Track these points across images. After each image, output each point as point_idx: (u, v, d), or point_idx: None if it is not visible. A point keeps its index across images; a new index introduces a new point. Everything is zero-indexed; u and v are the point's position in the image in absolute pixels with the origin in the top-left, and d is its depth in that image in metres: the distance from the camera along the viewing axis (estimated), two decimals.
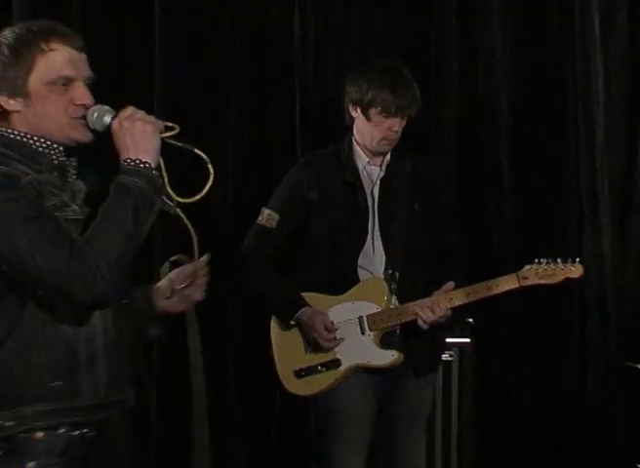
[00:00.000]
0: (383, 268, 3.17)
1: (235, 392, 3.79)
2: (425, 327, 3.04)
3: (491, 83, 3.94)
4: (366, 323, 3.11)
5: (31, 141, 1.97)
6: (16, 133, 1.97)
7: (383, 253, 3.16)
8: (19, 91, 1.95)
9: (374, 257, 3.16)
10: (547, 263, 3.00)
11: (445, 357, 3.59)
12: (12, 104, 1.96)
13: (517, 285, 2.99)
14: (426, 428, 3.49)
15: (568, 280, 3.00)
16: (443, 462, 3.63)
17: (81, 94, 1.97)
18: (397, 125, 3.08)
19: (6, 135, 1.96)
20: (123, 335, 2.12)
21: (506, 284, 3.01)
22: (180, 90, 3.95)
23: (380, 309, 3.11)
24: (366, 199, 3.16)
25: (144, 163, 1.92)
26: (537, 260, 3.00)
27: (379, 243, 3.17)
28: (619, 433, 3.82)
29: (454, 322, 3.55)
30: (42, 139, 1.97)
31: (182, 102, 3.93)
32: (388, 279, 3.14)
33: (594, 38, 3.83)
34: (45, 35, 1.97)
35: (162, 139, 1.95)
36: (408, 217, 3.19)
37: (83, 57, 2.01)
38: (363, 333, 3.13)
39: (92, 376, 2.00)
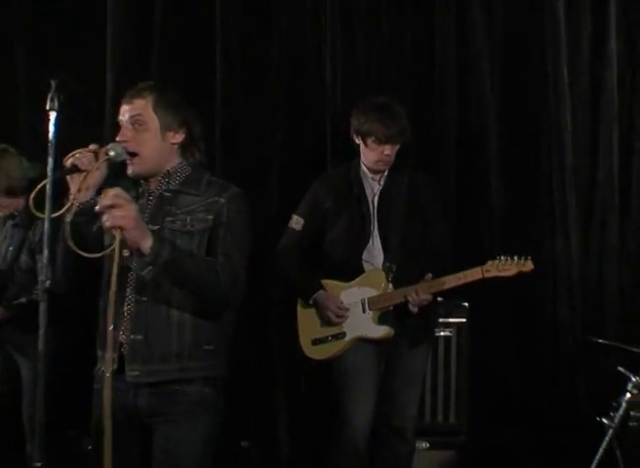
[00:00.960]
0: (382, 261, 3.42)
1: (278, 356, 3.99)
2: (414, 309, 3.29)
3: (482, 116, 4.18)
4: (367, 304, 3.40)
5: None
6: None
7: (382, 249, 3.42)
8: None
9: (374, 253, 3.43)
10: (506, 260, 3.22)
11: (445, 333, 3.83)
12: None
13: (480, 276, 3.24)
14: (430, 389, 3.80)
15: (521, 273, 3.24)
16: (444, 416, 3.90)
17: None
18: (389, 150, 3.34)
19: None
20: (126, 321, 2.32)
21: (472, 275, 3.27)
22: (237, 119, 4.17)
23: (378, 293, 3.39)
24: (368, 207, 3.44)
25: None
26: (497, 257, 3.23)
27: (377, 241, 3.42)
28: (582, 391, 4.06)
29: (454, 306, 3.80)
30: None
31: (239, 130, 4.17)
32: (386, 270, 3.39)
33: (563, 80, 4.07)
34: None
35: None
36: (402, 222, 3.42)
37: (127, 107, 2.39)
38: (364, 312, 3.41)
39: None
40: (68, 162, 2.29)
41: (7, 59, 4.32)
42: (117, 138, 2.37)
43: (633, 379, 3.28)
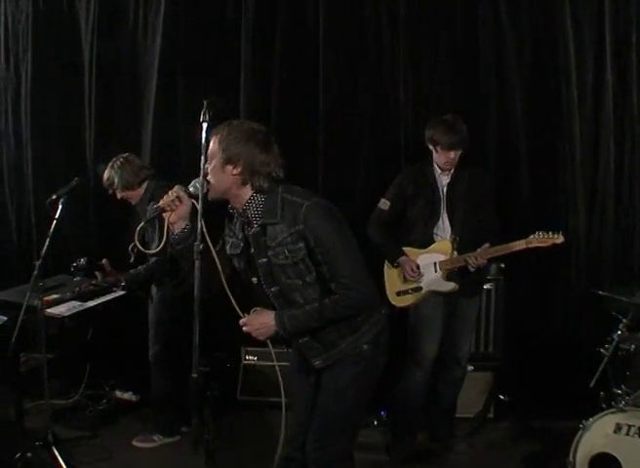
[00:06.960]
0: (449, 234, 3.70)
1: None
2: (472, 269, 3.61)
3: (514, 128, 4.60)
4: (437, 265, 3.71)
5: None
6: None
7: (449, 225, 3.71)
8: None
9: (443, 228, 3.72)
10: (543, 234, 3.54)
11: (487, 287, 4.29)
12: None
13: (524, 246, 3.56)
14: (475, 327, 4.14)
15: (555, 245, 3.55)
16: (484, 347, 4.42)
17: None
18: (453, 155, 3.63)
19: None
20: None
21: (518, 245, 3.58)
22: (336, 135, 4.65)
23: (446, 258, 3.70)
24: (439, 194, 3.73)
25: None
26: (537, 232, 3.56)
27: (446, 220, 3.71)
28: (585, 329, 4.51)
29: (492, 266, 4.17)
30: None
31: (337, 143, 4.66)
32: (452, 241, 3.68)
33: (573, 101, 4.49)
34: None
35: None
36: (464, 206, 3.69)
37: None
38: (435, 272, 3.72)
39: None
40: (159, 205, 2.44)
41: (171, 86, 4.91)
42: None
43: (623, 321, 3.51)
